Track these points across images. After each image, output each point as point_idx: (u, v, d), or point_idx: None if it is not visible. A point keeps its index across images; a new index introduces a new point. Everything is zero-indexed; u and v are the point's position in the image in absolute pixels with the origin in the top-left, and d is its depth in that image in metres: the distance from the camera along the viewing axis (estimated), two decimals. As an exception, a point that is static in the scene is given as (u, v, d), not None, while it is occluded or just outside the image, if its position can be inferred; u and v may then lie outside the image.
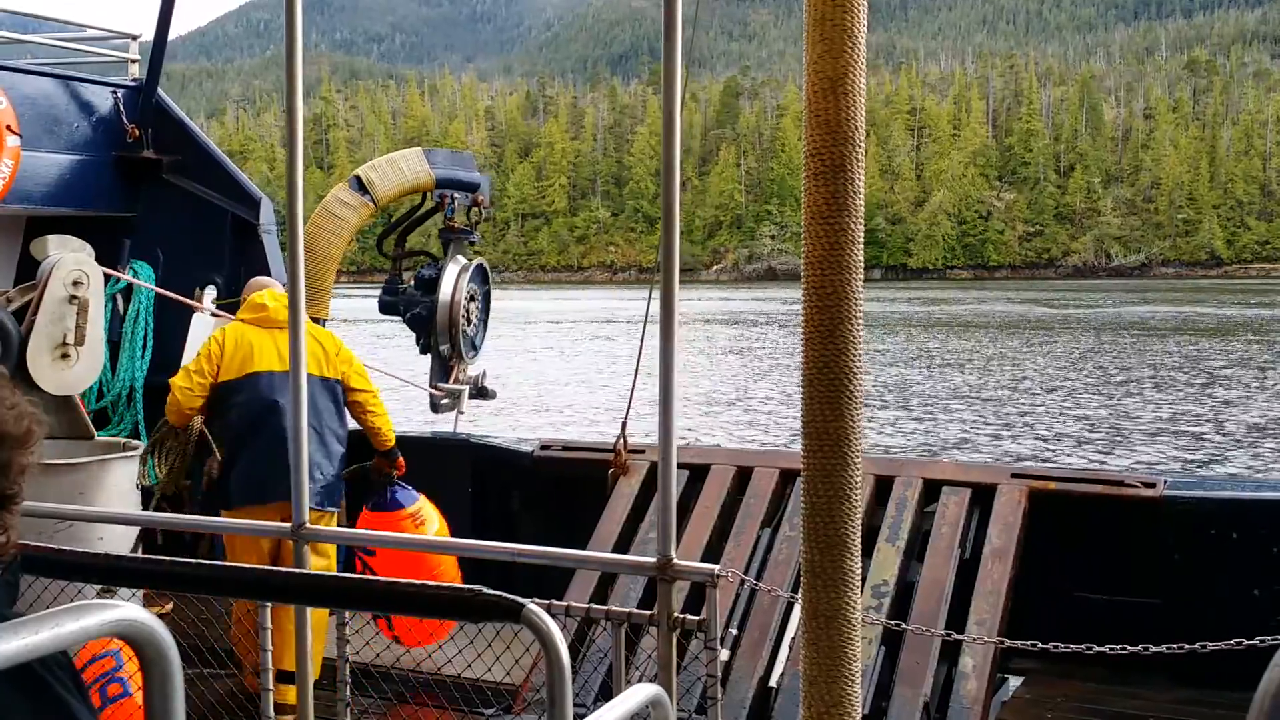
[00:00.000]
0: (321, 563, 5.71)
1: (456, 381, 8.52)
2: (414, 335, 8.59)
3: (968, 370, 39.66)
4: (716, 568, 3.56)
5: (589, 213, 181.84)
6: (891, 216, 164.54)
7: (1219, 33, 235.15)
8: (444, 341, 8.33)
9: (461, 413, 8.57)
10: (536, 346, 49.39)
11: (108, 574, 3.63)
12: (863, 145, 2.80)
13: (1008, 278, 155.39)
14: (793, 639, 5.64)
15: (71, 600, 1.62)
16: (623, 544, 6.36)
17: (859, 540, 2.91)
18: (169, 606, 6.69)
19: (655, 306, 3.61)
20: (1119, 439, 25.21)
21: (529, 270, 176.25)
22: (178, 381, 6.15)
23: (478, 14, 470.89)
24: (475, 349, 8.60)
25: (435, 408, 8.66)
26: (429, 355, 8.54)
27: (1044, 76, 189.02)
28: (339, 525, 6.28)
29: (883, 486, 6.24)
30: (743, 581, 5.76)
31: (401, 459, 6.48)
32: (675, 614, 3.55)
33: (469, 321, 8.41)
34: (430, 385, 8.57)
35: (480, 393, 8.65)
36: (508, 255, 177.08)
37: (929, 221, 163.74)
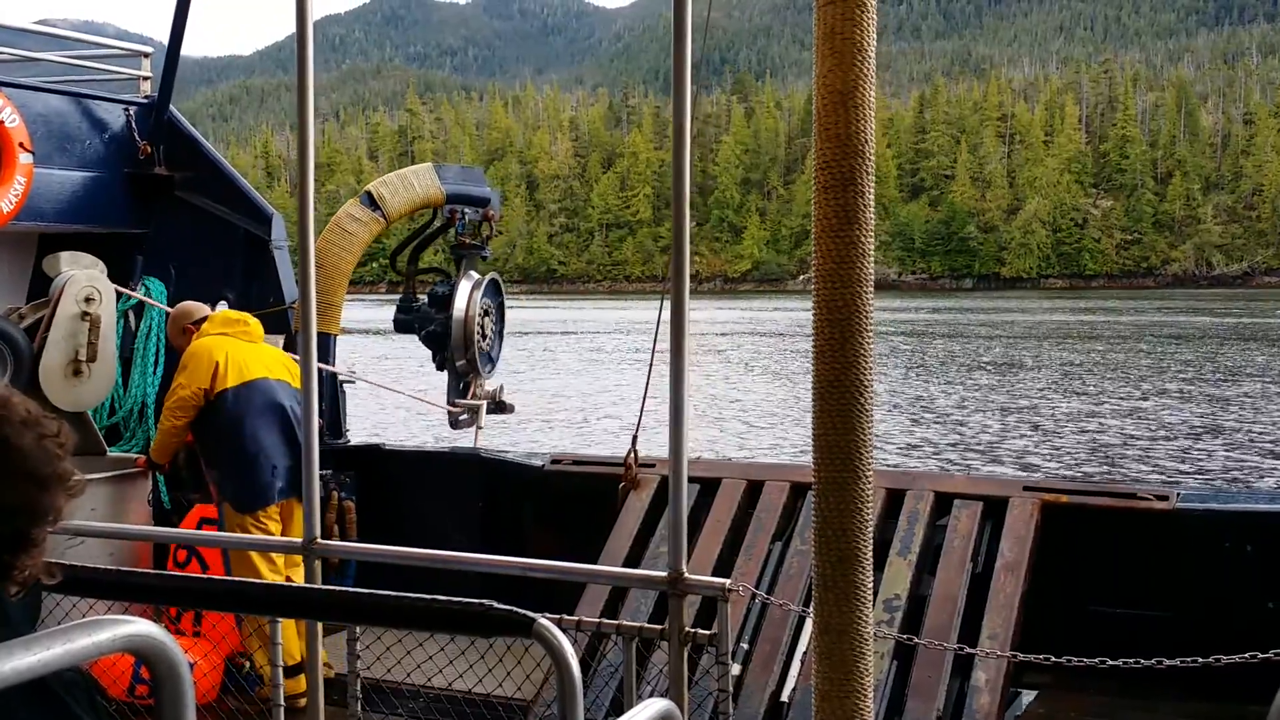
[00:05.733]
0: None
1: (474, 397, 8.52)
2: (430, 352, 8.60)
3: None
4: (727, 582, 3.56)
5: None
6: (984, 225, 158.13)
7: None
8: (460, 357, 8.34)
9: (480, 427, 8.56)
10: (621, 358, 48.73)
11: (121, 590, 3.63)
12: (873, 158, 2.80)
13: (1104, 287, 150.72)
14: (804, 653, 5.62)
15: (84, 616, 1.63)
16: (633, 558, 6.34)
17: (870, 554, 2.90)
18: None
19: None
20: None
21: (613, 280, 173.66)
22: (171, 406, 6.41)
23: (549, 26, 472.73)
24: (492, 363, 8.60)
25: (454, 424, 8.65)
26: (445, 372, 8.55)
27: (1133, 81, 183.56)
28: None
29: (894, 500, 6.23)
30: (754, 596, 5.74)
31: None
32: (686, 628, 3.54)
33: (484, 336, 8.41)
34: (447, 402, 8.57)
35: (498, 407, 8.64)
36: (592, 265, 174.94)
37: (1023, 230, 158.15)
